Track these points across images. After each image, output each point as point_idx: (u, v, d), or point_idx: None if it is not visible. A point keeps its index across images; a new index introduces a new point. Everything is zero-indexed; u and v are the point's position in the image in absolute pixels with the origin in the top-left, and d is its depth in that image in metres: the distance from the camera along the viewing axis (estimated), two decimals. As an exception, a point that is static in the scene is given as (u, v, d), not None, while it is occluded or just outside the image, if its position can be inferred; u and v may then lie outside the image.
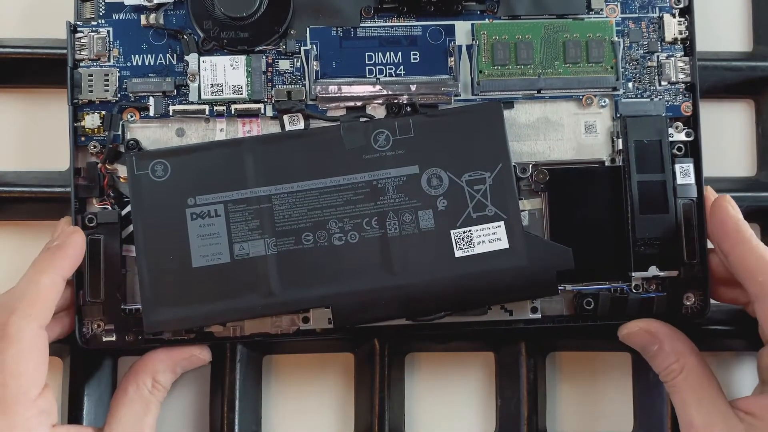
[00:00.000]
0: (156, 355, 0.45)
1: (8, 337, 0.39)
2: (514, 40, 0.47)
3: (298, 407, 0.51)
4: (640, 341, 0.46)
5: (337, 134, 0.45)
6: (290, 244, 0.44)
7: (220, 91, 0.46)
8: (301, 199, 0.45)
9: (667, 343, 0.45)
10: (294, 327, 0.46)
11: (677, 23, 0.48)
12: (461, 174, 0.45)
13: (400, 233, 0.45)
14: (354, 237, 0.45)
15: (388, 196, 0.45)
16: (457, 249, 0.44)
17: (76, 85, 0.46)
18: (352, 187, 0.45)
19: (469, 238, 0.45)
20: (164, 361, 0.45)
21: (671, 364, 0.44)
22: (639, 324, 0.46)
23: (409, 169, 0.45)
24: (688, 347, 0.45)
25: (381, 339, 0.49)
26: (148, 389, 0.45)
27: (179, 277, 0.44)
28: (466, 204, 0.45)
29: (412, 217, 0.45)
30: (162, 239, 0.44)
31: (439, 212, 0.45)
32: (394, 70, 0.47)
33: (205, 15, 0.47)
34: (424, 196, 0.45)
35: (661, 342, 0.45)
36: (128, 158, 0.45)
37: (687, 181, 0.47)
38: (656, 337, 0.45)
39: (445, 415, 0.51)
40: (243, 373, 0.48)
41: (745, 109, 0.54)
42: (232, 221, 0.44)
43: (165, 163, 0.45)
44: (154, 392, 0.45)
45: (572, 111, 0.48)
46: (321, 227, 0.45)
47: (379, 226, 0.45)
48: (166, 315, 0.44)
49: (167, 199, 0.45)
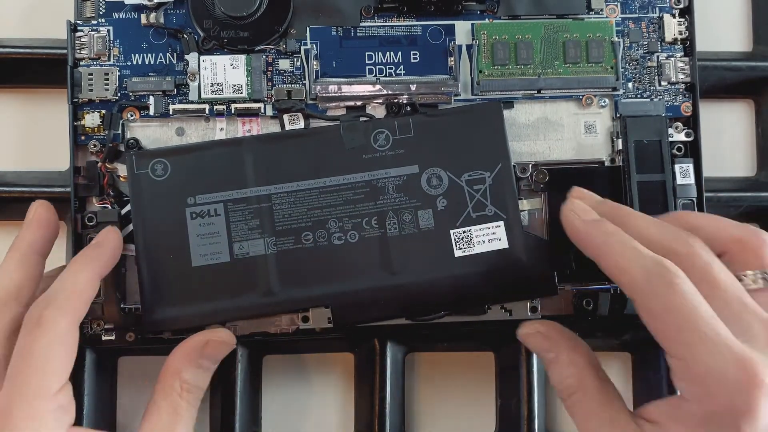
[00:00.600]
0: (173, 353, 0.43)
1: (41, 327, 0.38)
2: (514, 40, 0.47)
3: (298, 407, 0.51)
4: (537, 345, 0.43)
5: (337, 134, 0.45)
6: (290, 244, 0.44)
7: (220, 91, 0.46)
8: (301, 199, 0.45)
9: (564, 354, 0.41)
10: (293, 326, 0.46)
11: (677, 23, 0.48)
12: (461, 174, 0.45)
13: (400, 233, 0.45)
14: (354, 236, 0.45)
15: (388, 195, 0.45)
16: (456, 248, 0.45)
17: (76, 84, 0.46)
18: (352, 186, 0.45)
19: (468, 238, 0.45)
20: (183, 358, 0.43)
21: (567, 378, 0.41)
22: (538, 326, 0.43)
23: (408, 169, 0.45)
24: (587, 360, 0.41)
25: (381, 339, 0.49)
26: (177, 392, 0.42)
27: (179, 276, 0.44)
28: (466, 204, 0.45)
29: (411, 217, 0.45)
30: (162, 238, 0.44)
31: (438, 212, 0.45)
32: (394, 70, 0.47)
33: (205, 14, 0.47)
34: (424, 196, 0.45)
35: (558, 351, 0.41)
36: (128, 157, 0.45)
37: (687, 182, 0.47)
38: (554, 344, 0.42)
39: (445, 415, 0.51)
40: (243, 373, 0.48)
41: (745, 109, 0.54)
42: (232, 220, 0.44)
43: (165, 162, 0.45)
44: (183, 395, 0.42)
45: (572, 111, 0.48)
46: (321, 227, 0.45)
47: (379, 225, 0.45)
48: (166, 314, 0.44)
49: (167, 198, 0.45)
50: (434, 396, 0.51)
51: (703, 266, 0.37)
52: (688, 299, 0.36)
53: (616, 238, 0.39)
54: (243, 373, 0.48)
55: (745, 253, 0.39)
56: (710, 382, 0.35)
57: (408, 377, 0.51)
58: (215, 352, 0.44)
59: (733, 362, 0.35)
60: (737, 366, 0.35)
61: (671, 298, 0.36)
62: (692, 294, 0.36)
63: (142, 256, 0.44)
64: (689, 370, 0.36)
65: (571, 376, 0.41)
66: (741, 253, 0.39)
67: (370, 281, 0.44)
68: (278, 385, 0.51)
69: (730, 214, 0.51)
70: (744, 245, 0.39)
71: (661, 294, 0.36)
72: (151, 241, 0.44)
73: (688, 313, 0.36)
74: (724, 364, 0.35)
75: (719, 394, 0.35)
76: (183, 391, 0.42)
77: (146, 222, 0.44)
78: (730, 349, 0.35)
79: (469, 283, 0.44)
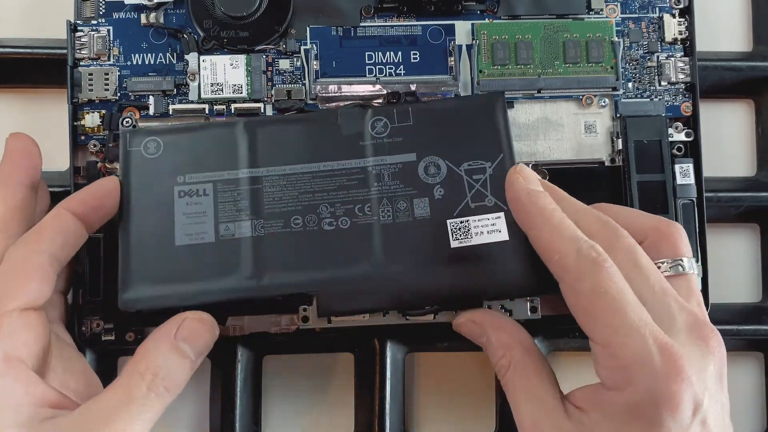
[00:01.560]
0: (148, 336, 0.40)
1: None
2: (514, 40, 0.47)
3: (298, 407, 0.51)
4: (469, 332, 0.43)
5: (335, 120, 0.45)
6: (278, 227, 0.43)
7: (220, 91, 0.47)
8: (293, 182, 0.44)
9: (493, 335, 0.42)
10: (294, 326, 0.46)
11: (677, 23, 0.48)
12: (460, 163, 0.44)
13: (394, 221, 0.43)
14: (345, 222, 0.43)
15: (384, 182, 0.44)
16: (453, 239, 0.43)
17: (76, 84, 0.46)
18: (346, 172, 0.44)
19: (466, 228, 0.43)
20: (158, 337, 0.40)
21: (500, 359, 0.41)
22: (467, 315, 0.43)
23: (406, 157, 0.44)
24: (516, 339, 0.41)
25: (381, 339, 0.48)
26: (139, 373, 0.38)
27: (160, 254, 0.42)
28: (465, 193, 0.44)
29: (407, 205, 0.44)
30: (147, 215, 0.43)
31: (435, 201, 0.44)
32: (394, 70, 0.47)
33: (205, 14, 0.47)
34: (421, 184, 0.44)
35: (487, 334, 0.42)
36: (121, 134, 0.44)
37: (687, 182, 0.47)
38: (483, 328, 0.42)
39: (445, 415, 0.51)
40: (243, 373, 0.48)
41: (745, 109, 0.54)
42: (220, 201, 0.43)
43: (158, 141, 0.44)
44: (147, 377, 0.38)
45: (572, 111, 0.48)
46: (311, 211, 0.43)
47: (372, 212, 0.43)
48: (143, 292, 0.42)
49: (157, 175, 0.44)
50: (434, 396, 0.51)
51: (628, 252, 0.38)
52: (616, 282, 0.37)
53: (556, 215, 0.39)
54: (243, 373, 0.48)
55: (661, 242, 0.40)
56: (633, 370, 0.36)
57: (408, 377, 0.51)
58: (193, 334, 0.40)
59: (656, 351, 0.35)
60: (661, 355, 0.35)
61: (600, 280, 0.37)
62: (620, 278, 0.37)
63: (124, 231, 0.43)
64: (612, 357, 0.36)
65: (503, 357, 0.41)
66: (657, 242, 0.40)
67: (359, 269, 0.43)
68: (278, 385, 0.51)
69: (730, 214, 0.52)
70: (660, 234, 0.40)
71: (590, 275, 0.37)
72: (135, 217, 0.43)
73: (615, 296, 0.36)
74: (647, 352, 0.35)
75: (641, 383, 0.35)
76: (148, 373, 0.38)
77: (133, 198, 0.43)
78: (655, 337, 0.36)
79: (464, 275, 0.42)
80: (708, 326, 0.38)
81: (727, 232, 0.53)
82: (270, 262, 0.43)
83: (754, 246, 0.54)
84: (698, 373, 0.36)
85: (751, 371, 0.52)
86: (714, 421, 0.36)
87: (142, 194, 0.43)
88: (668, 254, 0.40)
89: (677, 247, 0.40)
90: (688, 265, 0.40)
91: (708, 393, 0.36)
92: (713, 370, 0.37)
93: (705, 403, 0.36)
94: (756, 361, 0.53)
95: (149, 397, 0.38)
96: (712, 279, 0.48)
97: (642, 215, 0.42)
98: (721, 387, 0.37)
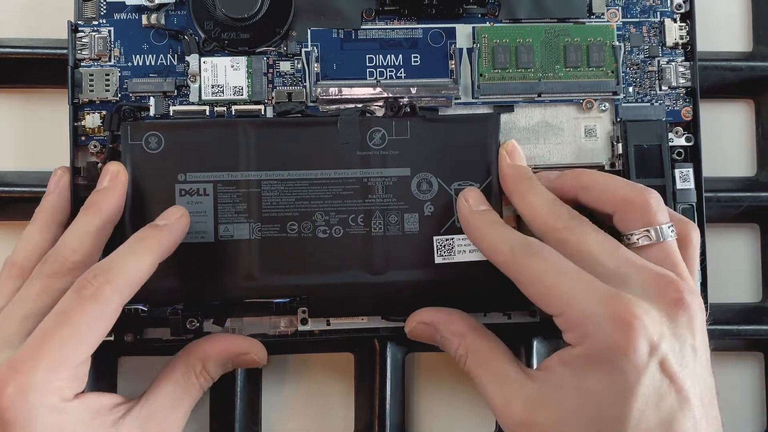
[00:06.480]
0: (213, 341, 0.45)
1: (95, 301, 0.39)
2: (515, 43, 0.47)
3: (298, 407, 0.51)
4: (423, 335, 0.44)
5: (334, 127, 0.45)
6: (275, 231, 0.45)
7: (221, 92, 0.46)
8: (291, 188, 0.45)
9: (443, 329, 0.43)
10: (292, 329, 0.47)
11: (678, 28, 0.48)
12: (451, 182, 0.45)
13: (384, 233, 0.45)
14: (338, 231, 0.45)
15: (377, 195, 0.45)
16: (437, 255, 0.45)
17: (76, 84, 0.46)
18: (343, 181, 0.45)
19: (450, 246, 0.45)
20: (220, 351, 0.44)
21: (456, 349, 0.43)
22: (415, 318, 0.44)
23: (401, 171, 0.45)
24: (466, 326, 0.43)
25: (381, 339, 0.49)
26: (195, 374, 0.44)
27: None
28: (452, 212, 0.45)
29: (397, 219, 0.45)
30: (147, 211, 0.44)
31: (425, 217, 0.45)
32: (395, 73, 0.47)
33: (206, 16, 0.47)
34: (413, 200, 0.45)
35: (439, 330, 0.43)
36: (123, 127, 0.45)
37: (686, 186, 0.47)
38: (433, 326, 0.44)
39: (445, 415, 0.51)
40: (243, 374, 0.48)
41: (745, 109, 0.54)
42: (220, 202, 0.45)
43: (159, 136, 0.45)
44: (200, 379, 0.44)
45: (572, 115, 0.48)
46: (307, 218, 0.45)
47: (365, 223, 0.45)
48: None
49: (158, 172, 0.44)
50: (434, 396, 0.52)
51: (577, 239, 0.40)
52: (551, 260, 0.39)
53: (494, 226, 0.43)
54: (243, 373, 0.49)
55: (632, 212, 0.41)
56: (586, 323, 0.37)
57: (408, 377, 0.51)
58: (245, 365, 0.46)
59: (604, 301, 0.37)
60: (608, 304, 0.37)
61: (535, 264, 0.39)
62: (554, 256, 0.39)
63: (122, 226, 0.44)
64: (567, 322, 0.38)
65: (459, 347, 0.43)
66: (629, 212, 0.41)
67: (349, 277, 0.45)
68: (278, 385, 0.51)
69: (730, 215, 0.52)
70: (630, 204, 0.41)
71: (525, 263, 0.40)
72: (135, 213, 0.44)
73: (553, 271, 0.39)
74: (595, 304, 0.37)
75: (596, 334, 0.37)
76: (201, 376, 0.44)
77: (134, 193, 0.44)
78: (599, 290, 0.38)
79: (445, 289, 0.45)
80: (672, 281, 0.38)
81: (726, 233, 0.54)
82: (265, 265, 0.45)
83: (754, 246, 0.54)
84: (653, 319, 0.37)
85: (751, 371, 0.53)
86: (678, 364, 0.37)
87: (142, 190, 0.44)
88: (638, 225, 0.41)
89: (647, 216, 0.41)
90: (656, 233, 0.40)
91: (666, 337, 0.37)
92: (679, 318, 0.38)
93: (663, 346, 0.37)
94: (756, 361, 0.53)
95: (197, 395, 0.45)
96: (712, 279, 0.48)
97: (614, 183, 0.43)
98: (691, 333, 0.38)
